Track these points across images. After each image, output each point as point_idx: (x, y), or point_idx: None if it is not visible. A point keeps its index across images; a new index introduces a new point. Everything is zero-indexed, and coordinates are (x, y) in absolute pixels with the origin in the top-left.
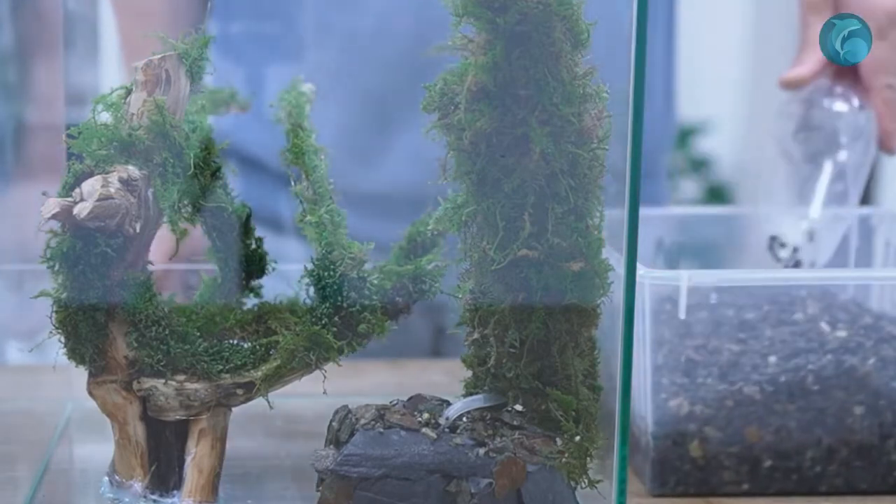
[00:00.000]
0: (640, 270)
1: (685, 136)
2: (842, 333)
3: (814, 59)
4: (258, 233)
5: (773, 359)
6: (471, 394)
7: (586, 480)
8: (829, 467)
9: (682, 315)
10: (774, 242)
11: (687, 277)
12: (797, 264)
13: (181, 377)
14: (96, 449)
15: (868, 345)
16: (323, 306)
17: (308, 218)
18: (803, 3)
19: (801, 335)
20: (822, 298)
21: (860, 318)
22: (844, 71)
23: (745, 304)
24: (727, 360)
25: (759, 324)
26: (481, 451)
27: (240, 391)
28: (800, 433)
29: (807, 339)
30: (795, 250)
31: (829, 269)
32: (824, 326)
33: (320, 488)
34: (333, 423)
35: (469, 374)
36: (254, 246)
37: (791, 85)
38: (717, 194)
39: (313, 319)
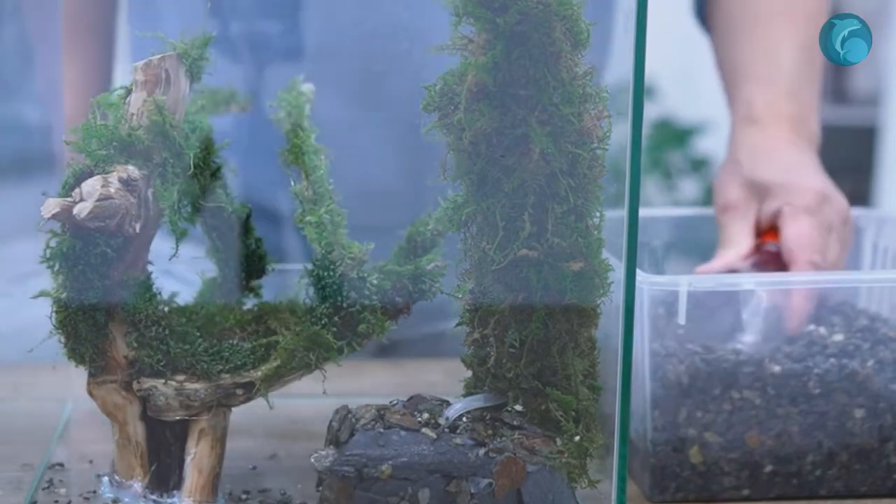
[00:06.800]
0: (639, 276)
1: (685, 136)
2: (839, 337)
3: (727, 257)
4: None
5: (774, 362)
6: (471, 394)
7: (586, 480)
8: (829, 471)
9: (681, 320)
10: None
11: (687, 283)
12: None
13: (181, 377)
14: (96, 449)
15: (865, 347)
16: (323, 306)
17: (308, 218)
18: (717, 203)
19: (800, 338)
20: (816, 301)
21: (855, 320)
22: (765, 259)
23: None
24: (727, 364)
25: (759, 327)
26: (481, 451)
27: (240, 391)
28: (801, 437)
29: (807, 343)
30: None
31: (829, 271)
32: (822, 330)
33: (320, 488)
34: (333, 423)
35: (469, 374)
36: (254, 246)
37: None
38: None
39: (313, 319)
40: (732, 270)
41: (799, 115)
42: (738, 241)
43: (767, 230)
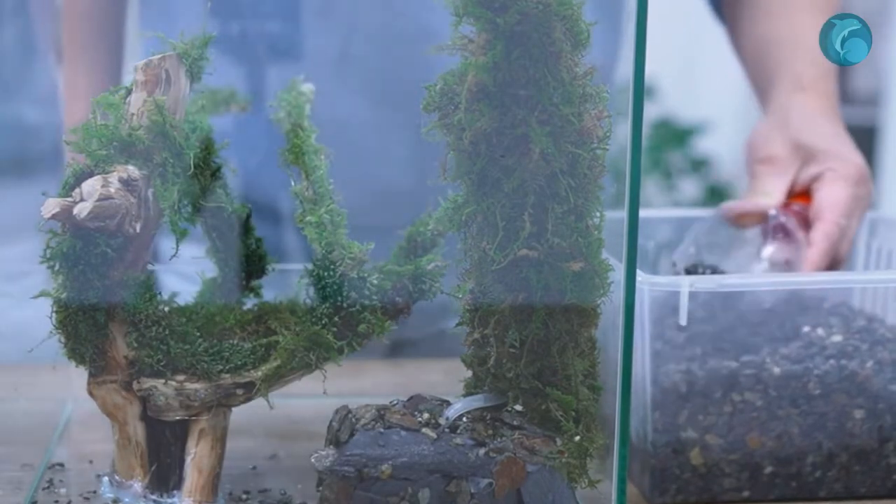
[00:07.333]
0: (640, 277)
1: (685, 136)
2: (837, 338)
3: (759, 202)
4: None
5: (775, 364)
6: (471, 394)
7: (586, 480)
8: (829, 472)
9: (682, 321)
10: None
11: (688, 284)
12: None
13: (181, 377)
14: (96, 449)
15: (864, 348)
16: (323, 306)
17: (308, 218)
18: (757, 155)
19: (798, 339)
20: (810, 303)
21: (853, 321)
22: (796, 212)
23: (745, 310)
24: (728, 366)
25: (759, 329)
26: (481, 451)
27: (240, 391)
28: (801, 438)
29: (805, 344)
30: None
31: (832, 272)
32: (820, 331)
33: (320, 488)
34: (333, 423)
35: (469, 374)
36: (254, 246)
37: (730, 216)
38: (717, 194)
39: (313, 319)
40: (762, 215)
41: (834, 94)
42: (772, 194)
43: (799, 193)
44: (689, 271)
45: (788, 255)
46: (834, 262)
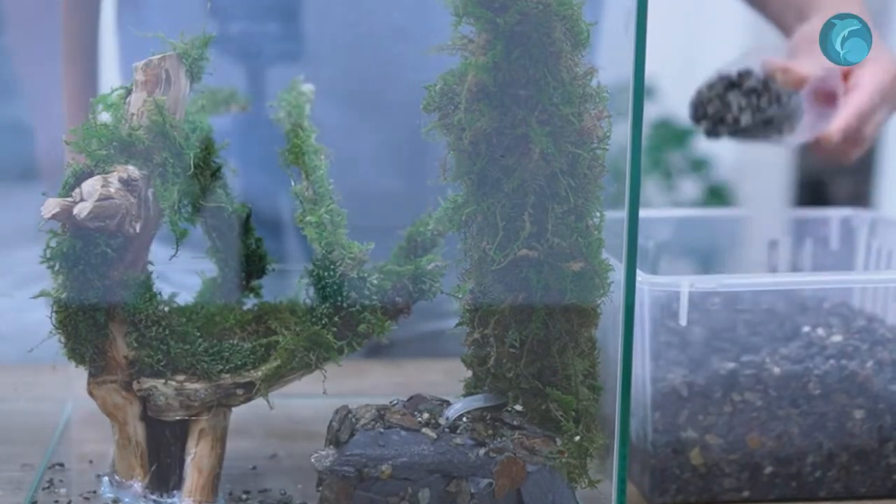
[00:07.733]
0: (640, 277)
1: (685, 136)
2: (837, 338)
3: (799, 64)
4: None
5: (775, 364)
6: (471, 394)
7: (586, 480)
8: (829, 472)
9: (682, 322)
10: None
11: (688, 283)
12: None
13: (181, 377)
14: (96, 449)
15: (864, 348)
16: (323, 306)
17: (308, 218)
18: (806, 38)
19: (798, 339)
20: (810, 303)
21: (853, 321)
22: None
23: (744, 309)
24: (728, 366)
25: (759, 328)
26: (481, 451)
27: (240, 391)
28: (801, 438)
29: (805, 344)
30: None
31: (833, 272)
32: (820, 331)
33: (320, 488)
34: (333, 423)
35: (469, 374)
36: (254, 246)
37: (770, 70)
38: (717, 194)
39: (313, 319)
40: (799, 80)
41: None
42: (815, 61)
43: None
44: (741, 74)
45: (816, 120)
46: (858, 139)
